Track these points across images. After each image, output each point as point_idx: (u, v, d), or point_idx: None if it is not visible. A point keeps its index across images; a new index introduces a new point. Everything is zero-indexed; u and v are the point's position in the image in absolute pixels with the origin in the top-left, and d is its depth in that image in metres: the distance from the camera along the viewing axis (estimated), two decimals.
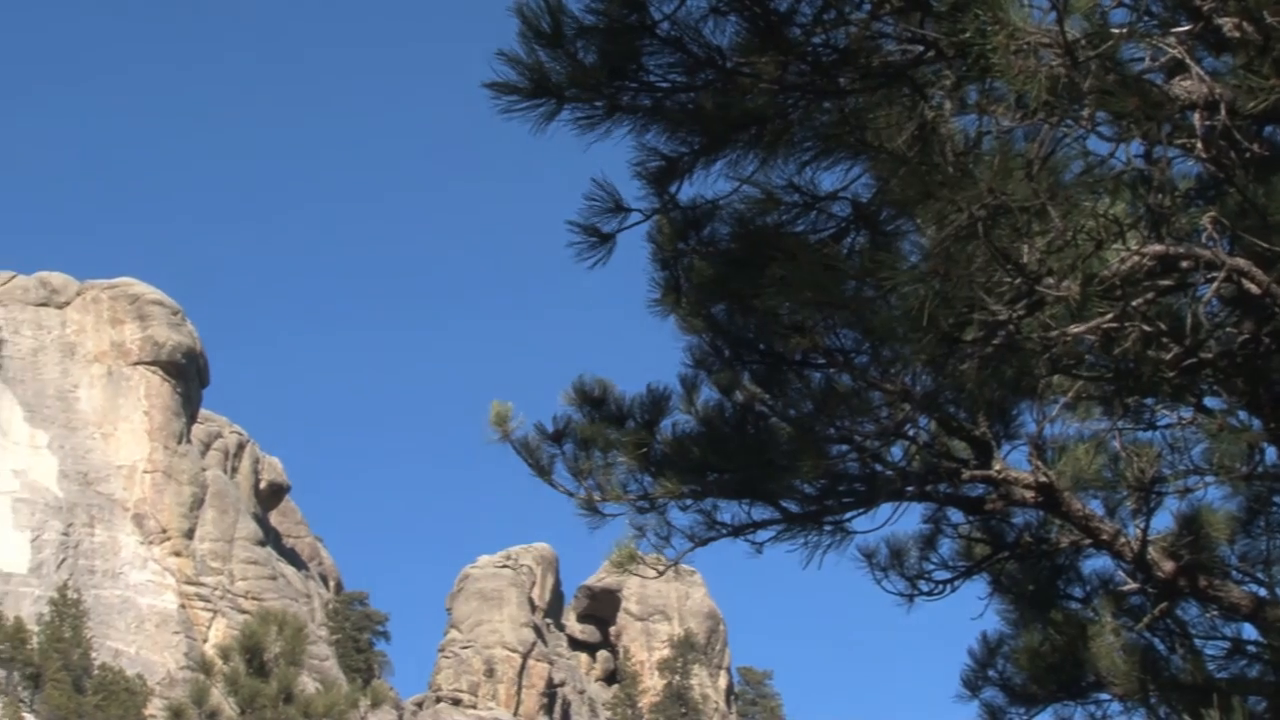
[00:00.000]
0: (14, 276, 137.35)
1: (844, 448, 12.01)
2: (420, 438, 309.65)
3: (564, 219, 10.26)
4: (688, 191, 10.31)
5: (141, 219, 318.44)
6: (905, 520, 12.36)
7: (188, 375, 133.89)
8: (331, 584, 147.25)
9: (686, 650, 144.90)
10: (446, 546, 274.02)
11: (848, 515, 12.16)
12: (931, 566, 12.90)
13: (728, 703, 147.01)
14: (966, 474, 11.98)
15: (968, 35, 8.15)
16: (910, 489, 12.12)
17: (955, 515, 12.79)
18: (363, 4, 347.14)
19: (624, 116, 9.49)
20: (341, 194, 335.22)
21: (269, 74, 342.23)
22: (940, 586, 12.84)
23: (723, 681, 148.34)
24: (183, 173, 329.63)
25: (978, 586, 13.00)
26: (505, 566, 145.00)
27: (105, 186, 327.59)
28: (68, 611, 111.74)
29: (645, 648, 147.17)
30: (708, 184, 10.18)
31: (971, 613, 12.96)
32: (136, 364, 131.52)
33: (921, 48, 8.87)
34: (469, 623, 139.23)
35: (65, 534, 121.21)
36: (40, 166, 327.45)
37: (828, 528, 12.15)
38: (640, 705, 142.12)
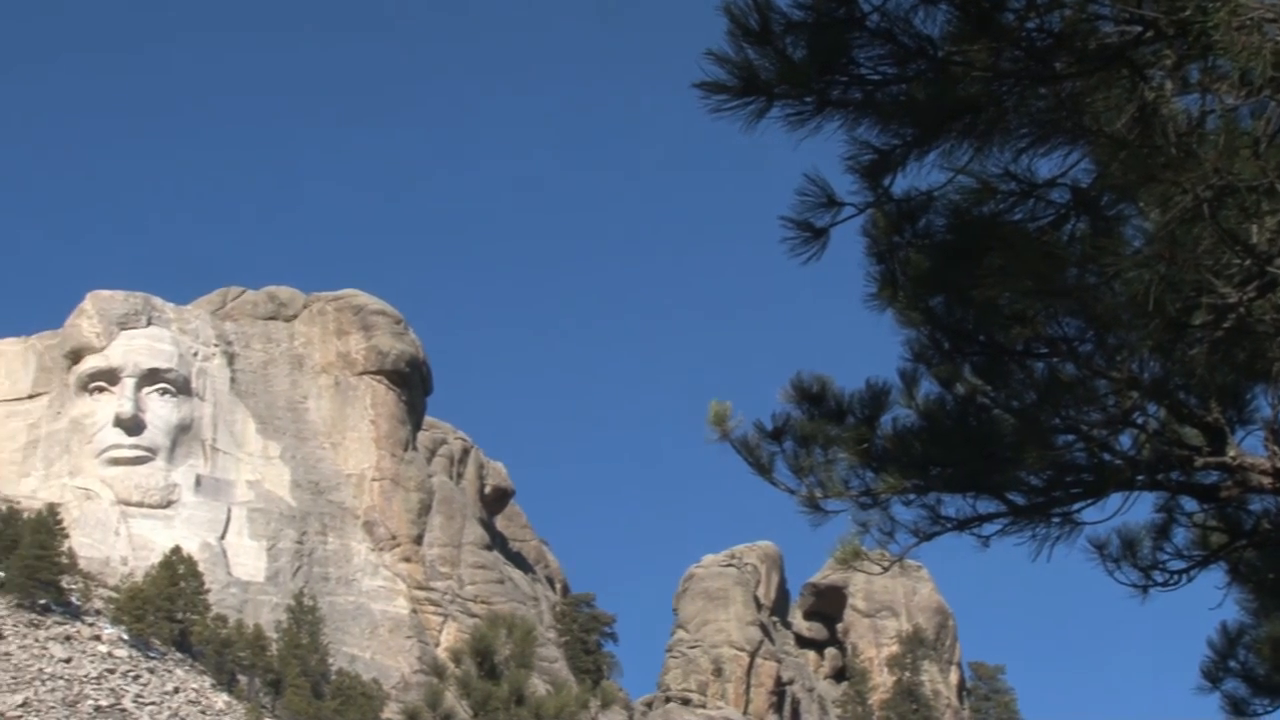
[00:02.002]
0: (243, 292, 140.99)
1: (1070, 438, 11.83)
2: (641, 438, 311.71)
3: (777, 215, 10.25)
4: (901, 184, 10.23)
5: (364, 230, 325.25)
6: (1136, 510, 12.14)
7: (412, 383, 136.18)
8: (558, 586, 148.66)
9: (916, 646, 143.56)
10: (671, 547, 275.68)
11: (1076, 506, 11.98)
12: (1166, 556, 12.65)
13: (960, 698, 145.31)
14: (1199, 461, 11.72)
15: (1188, 13, 7.97)
16: (1141, 478, 11.90)
17: (1189, 503, 12.53)
18: (566, 3, 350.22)
19: (834, 111, 9.44)
20: (556, 197, 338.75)
21: (470, 78, 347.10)
22: (1175, 576, 12.58)
23: (954, 677, 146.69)
24: (402, 184, 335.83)
25: (1215, 576, 12.71)
26: (730, 565, 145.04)
27: (328, 200, 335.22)
28: (304, 618, 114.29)
29: (873, 644, 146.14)
30: (921, 175, 10.10)
31: (1210, 602, 12.67)
32: (362, 374, 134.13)
33: (1140, 28, 8.69)
34: (695, 622, 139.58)
35: (299, 542, 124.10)
36: (265, 185, 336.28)
37: (1056, 519, 11.98)
38: (870, 702, 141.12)
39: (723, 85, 9.24)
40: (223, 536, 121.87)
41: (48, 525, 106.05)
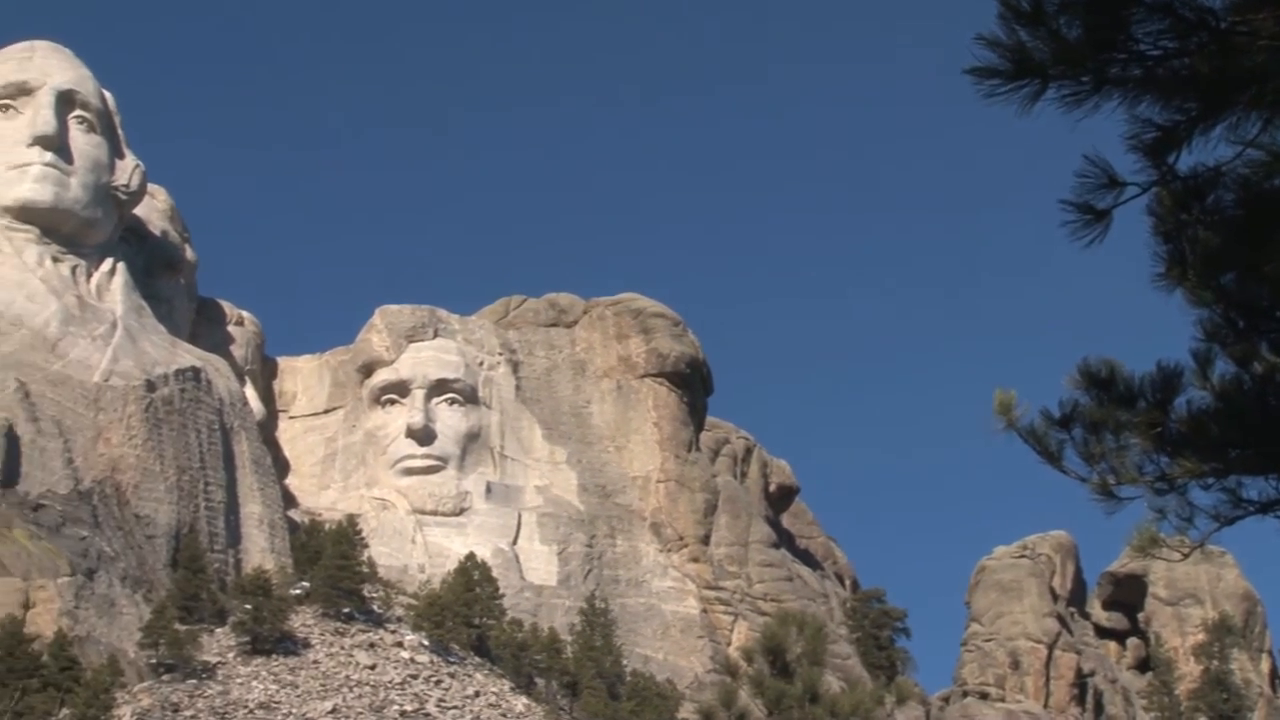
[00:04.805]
0: (525, 300, 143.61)
1: None
2: (925, 430, 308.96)
3: (1056, 198, 10.09)
4: (1186, 160, 10.00)
5: (640, 232, 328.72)
6: None
7: (692, 384, 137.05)
8: (847, 583, 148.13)
9: (1223, 634, 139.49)
10: (961, 539, 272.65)
11: None
12: None
13: (1273, 687, 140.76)
14: None
15: None
16: None
17: None
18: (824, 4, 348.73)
19: (1113, 89, 9.26)
20: (822, 193, 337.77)
21: (731, 76, 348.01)
22: None
23: (1265, 665, 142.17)
24: (677, 186, 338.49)
25: None
26: (1023, 556, 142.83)
27: (603, 206, 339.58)
28: (597, 621, 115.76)
29: (1178, 633, 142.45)
30: (1207, 151, 9.85)
31: None
32: (643, 376, 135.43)
33: None
34: (989, 615, 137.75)
35: (589, 545, 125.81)
36: (540, 193, 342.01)
37: None
38: (1177, 693, 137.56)
39: (995, 70, 9.12)
40: (514, 542, 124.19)
41: (348, 536, 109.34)
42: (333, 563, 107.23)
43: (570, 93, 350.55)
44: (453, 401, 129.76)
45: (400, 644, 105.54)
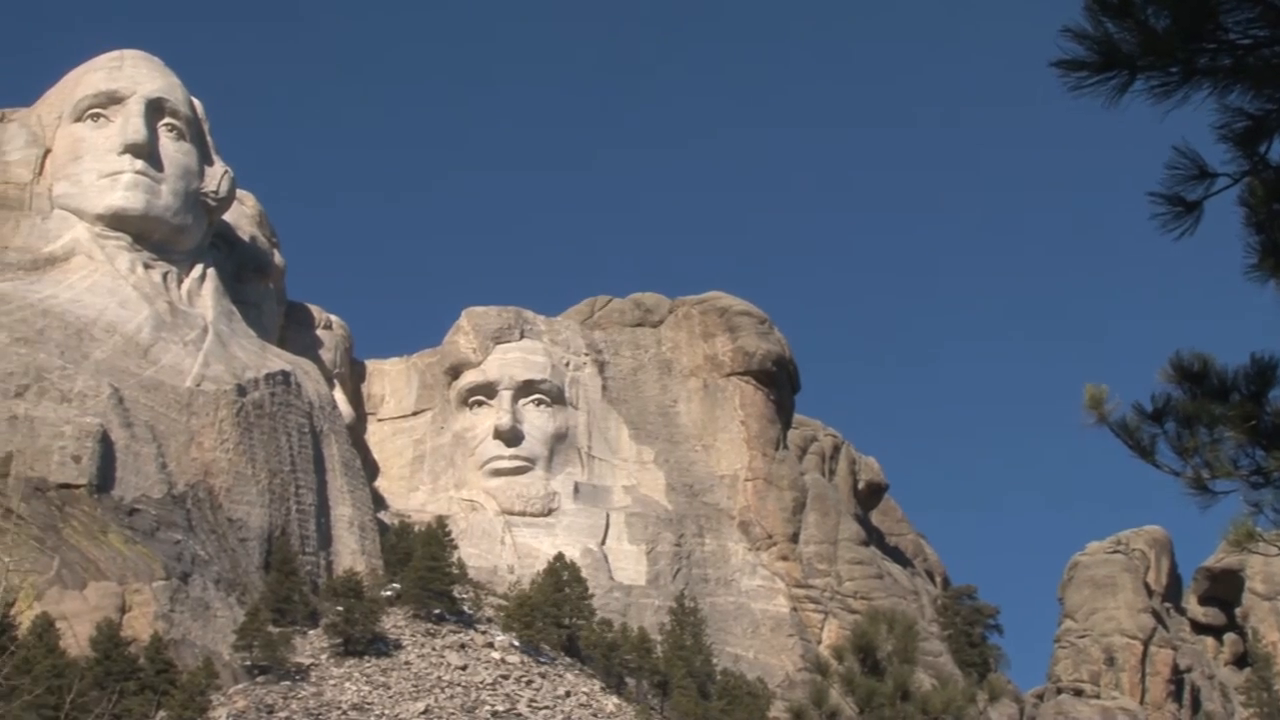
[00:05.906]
0: (610, 300, 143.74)
1: None
2: (1017, 425, 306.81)
3: (1144, 190, 9.99)
4: (1278, 150, 9.86)
5: (724, 230, 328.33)
6: None
7: (779, 382, 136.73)
8: (938, 579, 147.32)
9: None
10: (1053, 535, 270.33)
11: None
12: None
13: None
14: None
15: None
16: None
17: None
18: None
19: (1202, 80, 9.14)
20: (902, 194, 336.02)
21: (809, 74, 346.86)
22: None
23: None
24: (761, 183, 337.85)
25: None
26: (1116, 552, 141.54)
27: (685, 206, 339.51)
28: (686, 620, 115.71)
29: (1276, 628, 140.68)
30: None
31: None
32: (730, 375, 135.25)
33: None
34: (1083, 611, 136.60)
35: (677, 545, 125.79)
36: (621, 193, 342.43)
37: None
38: (1276, 689, 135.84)
39: (1082, 62, 9.03)
40: (603, 542, 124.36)
41: (438, 537, 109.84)
42: (423, 564, 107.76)
43: (657, 89, 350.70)
44: (540, 402, 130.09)
45: (491, 645, 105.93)
